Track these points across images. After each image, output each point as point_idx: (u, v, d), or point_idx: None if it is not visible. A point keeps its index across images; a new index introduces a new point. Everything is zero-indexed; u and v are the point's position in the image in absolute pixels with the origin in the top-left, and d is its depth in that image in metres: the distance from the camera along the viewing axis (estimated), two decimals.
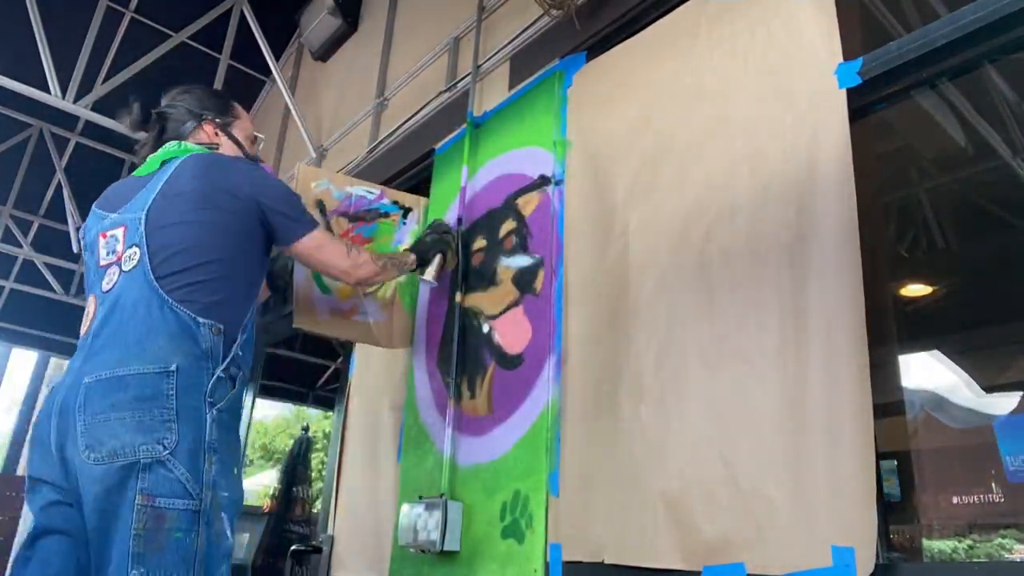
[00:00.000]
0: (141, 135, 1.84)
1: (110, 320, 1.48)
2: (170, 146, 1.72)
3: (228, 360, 1.49)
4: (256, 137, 1.96)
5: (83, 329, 1.57)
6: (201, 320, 1.46)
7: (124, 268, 1.52)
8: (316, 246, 1.73)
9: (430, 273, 2.19)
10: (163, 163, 1.66)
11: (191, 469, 1.35)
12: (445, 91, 3.00)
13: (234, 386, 1.50)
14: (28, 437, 1.51)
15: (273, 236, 1.68)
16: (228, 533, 1.41)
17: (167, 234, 1.52)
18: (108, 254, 1.58)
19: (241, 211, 1.60)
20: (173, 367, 1.39)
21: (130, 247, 1.53)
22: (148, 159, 1.71)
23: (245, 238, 1.61)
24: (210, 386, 1.44)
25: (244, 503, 1.61)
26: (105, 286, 1.54)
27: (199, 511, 1.34)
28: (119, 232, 1.57)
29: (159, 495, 1.31)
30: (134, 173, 1.72)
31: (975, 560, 2.09)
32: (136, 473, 1.32)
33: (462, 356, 2.28)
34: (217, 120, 1.83)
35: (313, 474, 5.35)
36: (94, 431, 1.35)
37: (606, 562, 1.67)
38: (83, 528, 1.36)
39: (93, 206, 1.71)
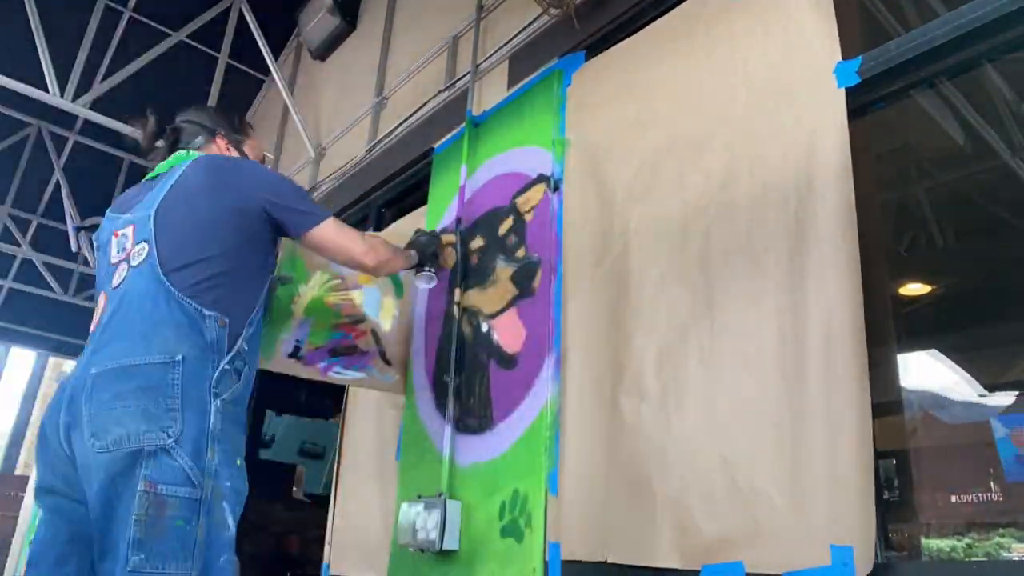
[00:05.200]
0: (155, 144, 1.88)
1: (118, 313, 1.52)
2: (180, 153, 1.78)
3: (233, 353, 1.52)
4: (264, 156, 2.02)
5: (92, 325, 1.60)
6: (207, 312, 1.50)
7: (133, 263, 1.56)
8: (333, 232, 1.75)
9: (426, 275, 2.18)
10: (172, 167, 1.71)
11: (194, 458, 1.37)
12: (444, 90, 3.00)
13: (239, 379, 1.53)
14: (37, 433, 1.53)
15: (284, 230, 1.71)
16: (230, 523, 1.42)
17: (174, 230, 1.57)
18: (118, 252, 1.62)
19: (247, 209, 1.64)
20: (179, 357, 1.42)
21: (139, 243, 1.58)
22: (159, 165, 1.77)
23: (249, 235, 1.64)
24: (215, 377, 1.46)
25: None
26: (115, 283, 1.58)
27: (200, 499, 1.36)
28: (129, 231, 1.62)
29: (161, 482, 1.33)
30: (145, 178, 1.77)
31: (974, 559, 2.10)
32: (141, 460, 1.34)
33: (461, 355, 2.28)
34: (229, 136, 1.91)
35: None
36: (100, 419, 1.37)
37: (605, 561, 1.67)
38: (88, 521, 1.38)
39: (107, 210, 1.76)
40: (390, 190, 3.26)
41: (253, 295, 1.63)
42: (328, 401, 4.41)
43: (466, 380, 2.26)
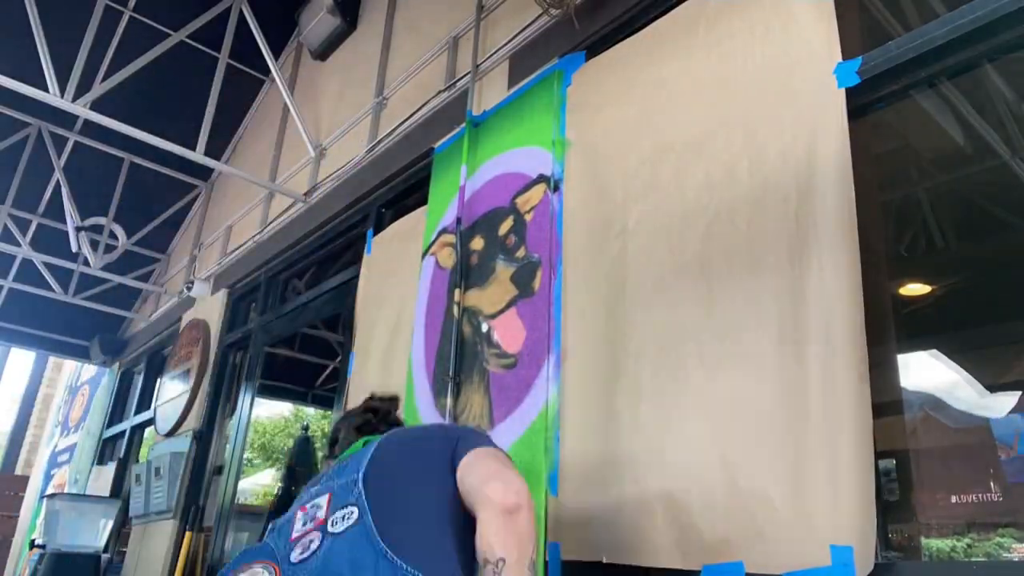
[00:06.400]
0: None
1: None
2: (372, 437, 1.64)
3: None
4: None
5: None
6: None
7: (333, 530, 1.37)
8: (486, 453, 1.42)
9: None
10: (367, 443, 1.57)
11: None
12: (444, 90, 3.00)
13: None
14: None
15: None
16: None
17: (389, 493, 1.39)
18: (304, 524, 1.43)
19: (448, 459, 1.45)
20: None
21: (342, 507, 1.40)
22: (352, 444, 1.66)
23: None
24: None
25: (243, 502, 1.52)
26: (296, 558, 1.38)
27: None
28: (323, 500, 1.45)
29: None
30: (338, 459, 1.63)
31: (973, 559, 2.10)
32: None
33: (460, 355, 2.28)
34: None
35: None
36: None
37: (605, 561, 1.67)
38: None
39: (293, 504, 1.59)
40: (390, 190, 3.26)
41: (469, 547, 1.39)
42: None
43: (466, 380, 2.26)
